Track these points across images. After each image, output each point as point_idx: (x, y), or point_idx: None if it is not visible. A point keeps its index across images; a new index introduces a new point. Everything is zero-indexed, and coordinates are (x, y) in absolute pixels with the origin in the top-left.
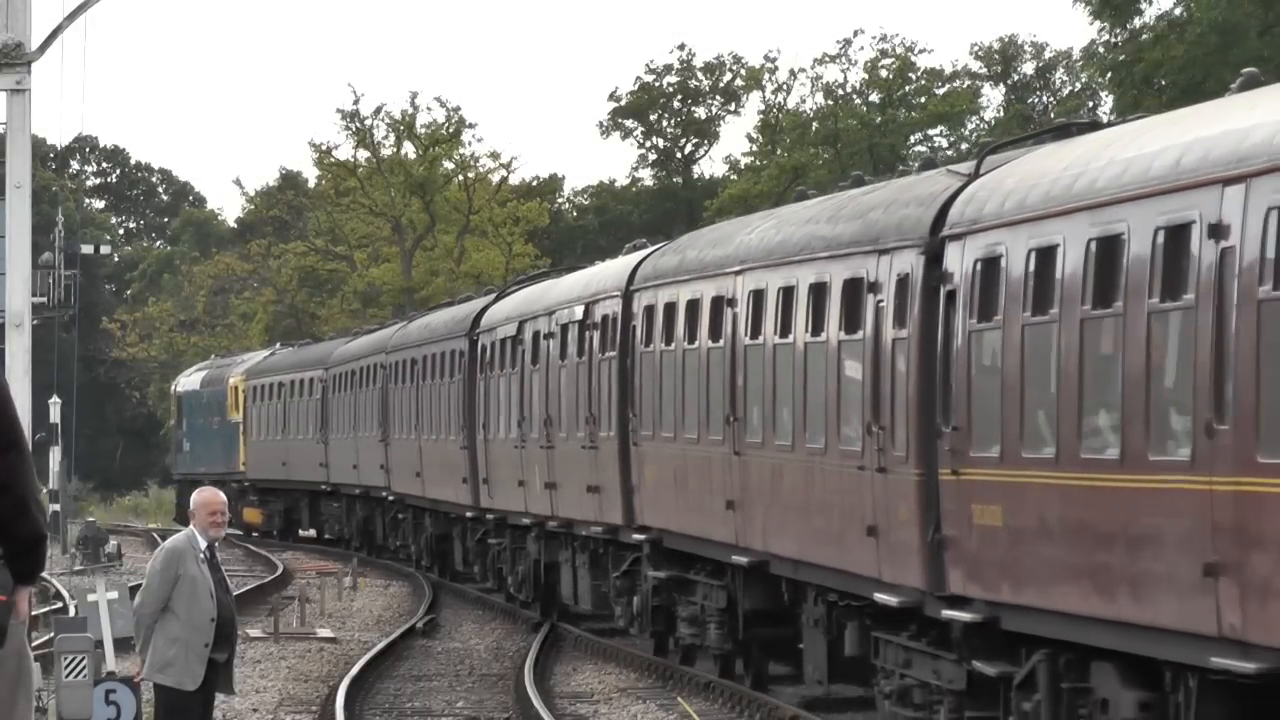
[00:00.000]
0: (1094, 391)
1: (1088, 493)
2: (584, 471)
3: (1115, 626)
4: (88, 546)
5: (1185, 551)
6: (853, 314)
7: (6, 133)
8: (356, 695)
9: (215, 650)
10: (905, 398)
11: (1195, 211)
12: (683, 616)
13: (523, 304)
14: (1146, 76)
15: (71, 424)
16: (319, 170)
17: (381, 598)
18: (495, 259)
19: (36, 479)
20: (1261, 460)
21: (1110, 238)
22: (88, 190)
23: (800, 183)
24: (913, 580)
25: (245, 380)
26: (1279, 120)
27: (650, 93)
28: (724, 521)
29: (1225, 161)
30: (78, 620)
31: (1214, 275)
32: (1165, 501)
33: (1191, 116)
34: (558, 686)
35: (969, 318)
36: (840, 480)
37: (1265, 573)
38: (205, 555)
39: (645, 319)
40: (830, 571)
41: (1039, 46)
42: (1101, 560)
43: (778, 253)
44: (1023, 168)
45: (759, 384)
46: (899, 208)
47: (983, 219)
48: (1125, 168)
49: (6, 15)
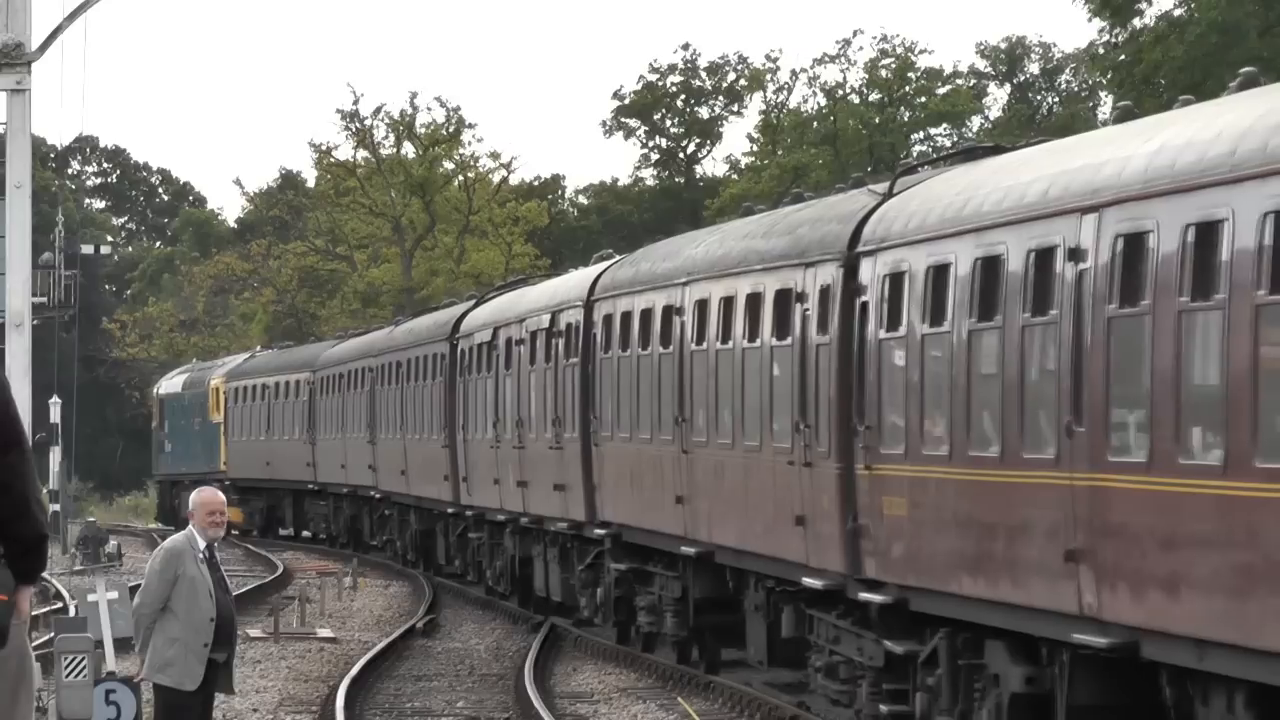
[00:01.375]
0: (979, 396)
1: (974, 486)
2: (551, 470)
3: (1001, 608)
4: (88, 546)
5: (1051, 539)
6: (783, 321)
7: (6, 133)
8: (356, 695)
9: (215, 650)
10: (827, 398)
11: (1059, 236)
12: (641, 606)
13: (498, 311)
14: (1146, 76)
15: (71, 424)
16: (319, 170)
17: (381, 598)
18: (495, 259)
19: (37, 479)
20: (1111, 459)
21: (992, 258)
22: (88, 190)
23: (801, 183)
24: (835, 565)
25: (226, 382)
26: (1125, 157)
27: (654, 92)
28: (674, 515)
29: (1082, 193)
30: (78, 620)
31: (1073, 294)
32: (1034, 494)
33: (1066, 149)
34: (558, 686)
35: (878, 327)
36: (773, 474)
37: (1115, 559)
38: (204, 555)
39: (604, 327)
40: (766, 559)
41: (1046, 47)
42: (987, 548)
43: (719, 265)
44: (926, 190)
45: (704, 387)
46: (823, 224)
47: (890, 237)
48: (1005, 195)
49: (6, 15)
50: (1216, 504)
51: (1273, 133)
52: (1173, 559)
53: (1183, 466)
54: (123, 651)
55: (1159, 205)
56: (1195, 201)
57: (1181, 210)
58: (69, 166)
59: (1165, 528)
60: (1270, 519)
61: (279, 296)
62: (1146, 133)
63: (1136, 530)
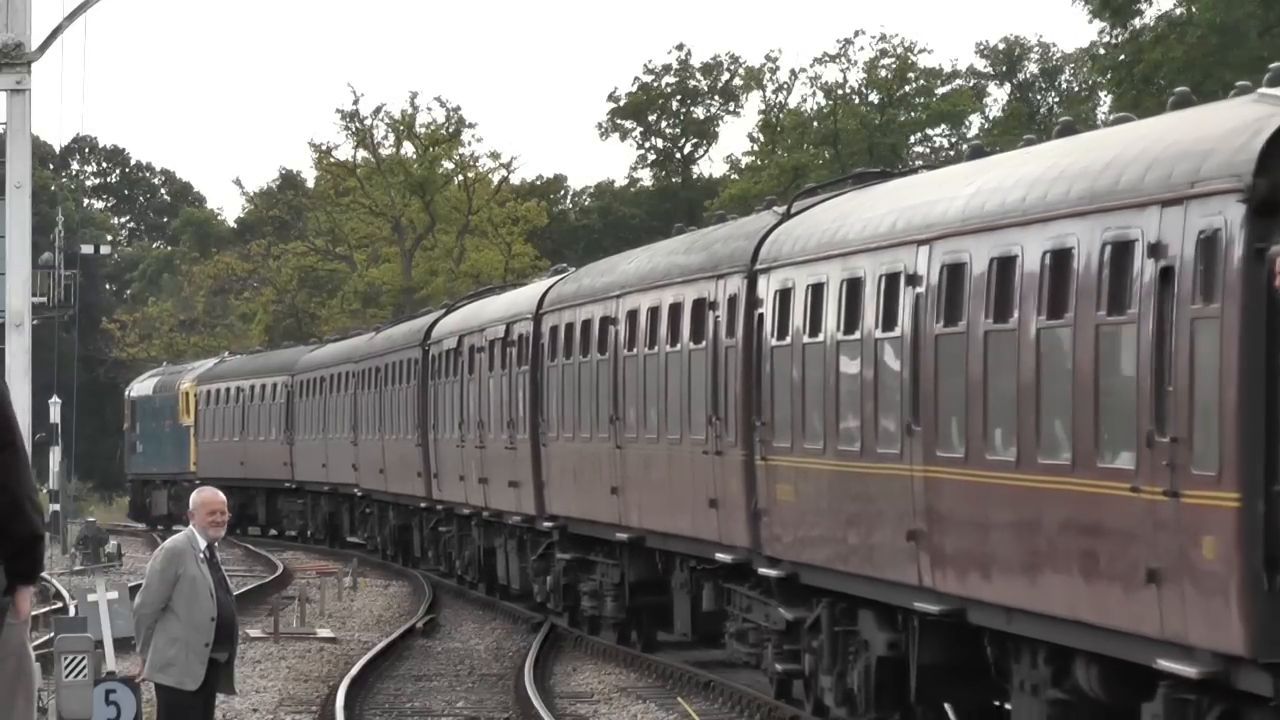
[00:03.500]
0: (845, 398)
1: (840, 476)
2: (507, 468)
3: (866, 581)
4: (88, 546)
5: (898, 522)
6: (699, 327)
7: (6, 133)
8: (356, 695)
9: (216, 650)
10: (734, 395)
11: (902, 264)
12: (585, 591)
13: (463, 320)
14: (1146, 77)
15: (71, 424)
16: (319, 170)
17: (381, 598)
18: (495, 259)
19: (33, 478)
20: (940, 454)
21: (855, 279)
22: (88, 190)
23: (800, 183)
24: (743, 542)
25: (196, 386)
26: (950, 198)
27: (649, 93)
28: (610, 505)
29: (919, 227)
30: (78, 620)
31: (911, 313)
32: (885, 484)
33: (914, 186)
34: (558, 686)
35: (771, 335)
36: (691, 463)
37: (943, 539)
38: (205, 555)
39: (551, 337)
40: (687, 540)
41: (1046, 47)
42: (852, 529)
43: (648, 279)
44: (812, 216)
45: (634, 388)
46: (733, 241)
47: (781, 257)
48: (865, 225)
49: (6, 15)
50: (1012, 493)
51: (1052, 184)
52: (984, 539)
53: (989, 461)
54: (123, 651)
55: (972, 241)
56: (997, 239)
57: (988, 246)
58: (69, 166)
59: (978, 513)
60: (1050, 506)
61: (279, 296)
62: (970, 176)
63: (958, 515)
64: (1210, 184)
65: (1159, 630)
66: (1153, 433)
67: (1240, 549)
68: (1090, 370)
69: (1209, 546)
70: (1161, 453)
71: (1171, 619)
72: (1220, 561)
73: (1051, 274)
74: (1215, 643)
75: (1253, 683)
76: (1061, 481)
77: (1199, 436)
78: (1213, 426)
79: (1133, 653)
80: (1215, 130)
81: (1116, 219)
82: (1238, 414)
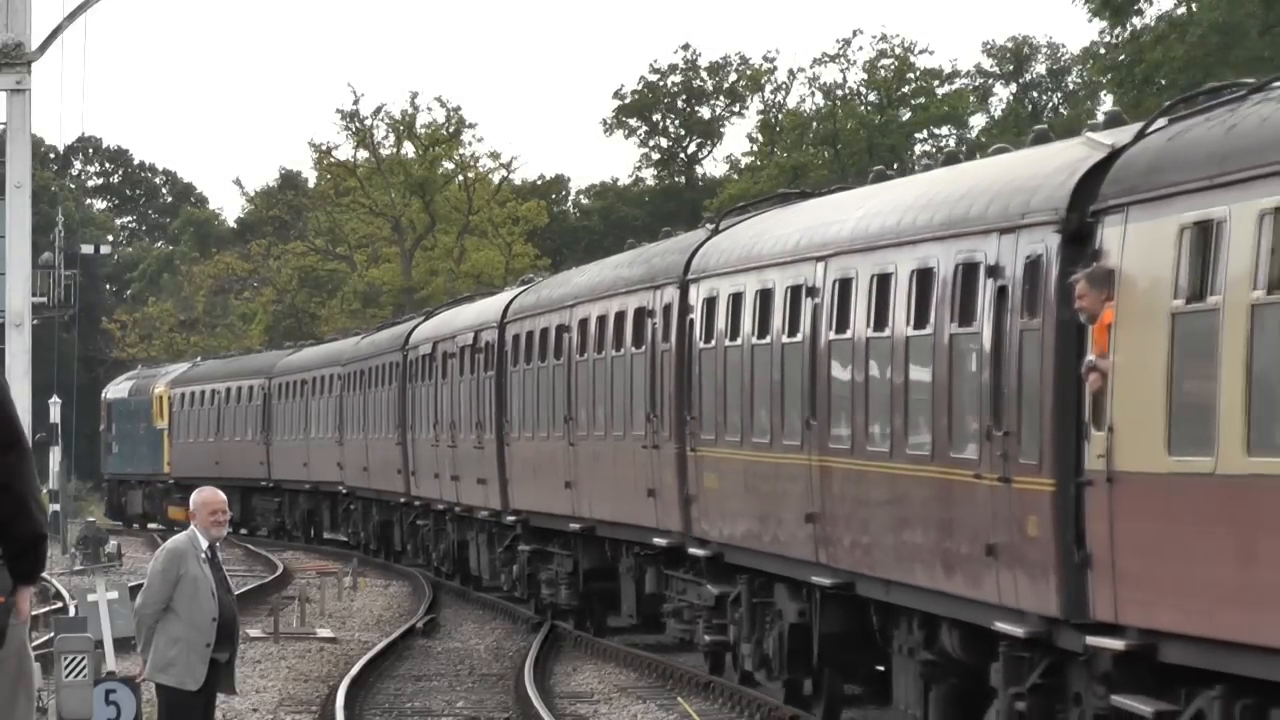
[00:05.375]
0: (758, 395)
1: (754, 465)
2: (476, 466)
3: (776, 559)
4: (88, 546)
5: (799, 505)
6: (640, 333)
7: (6, 133)
8: (356, 695)
9: (217, 650)
10: (669, 393)
11: (804, 277)
12: (544, 580)
13: (437, 327)
14: (1147, 77)
15: (71, 424)
16: (319, 170)
17: (381, 598)
18: (495, 259)
19: (36, 478)
20: (831, 445)
21: (767, 290)
22: (88, 190)
23: (800, 183)
24: (676, 527)
25: (170, 389)
26: (844, 220)
27: (654, 92)
28: (564, 498)
29: (818, 246)
30: (78, 620)
31: (810, 322)
32: (789, 471)
33: (822, 206)
34: (558, 686)
35: (699, 339)
36: (633, 457)
37: (834, 519)
38: (206, 555)
39: (514, 345)
40: (630, 527)
41: (1054, 47)
42: (764, 512)
43: (597, 290)
44: (737, 232)
45: (586, 390)
46: (670, 255)
47: (708, 269)
48: (776, 242)
49: (6, 15)
50: (886, 480)
51: (921, 211)
52: (865, 520)
53: (869, 452)
54: (123, 651)
55: (858, 259)
56: (877, 258)
57: (870, 263)
58: (70, 166)
59: (860, 497)
60: (915, 491)
61: (279, 296)
62: (862, 201)
63: (845, 499)
64: (1036, 216)
65: (998, 598)
66: (991, 427)
67: (1056, 527)
68: (945, 373)
69: (1033, 525)
70: (997, 445)
71: (1006, 588)
72: (1041, 538)
73: (918, 290)
74: (1039, 607)
75: (1068, 641)
76: (923, 470)
77: (1025, 431)
78: (1035, 423)
79: (980, 617)
80: (1045, 169)
81: (967, 243)
82: (1053, 413)
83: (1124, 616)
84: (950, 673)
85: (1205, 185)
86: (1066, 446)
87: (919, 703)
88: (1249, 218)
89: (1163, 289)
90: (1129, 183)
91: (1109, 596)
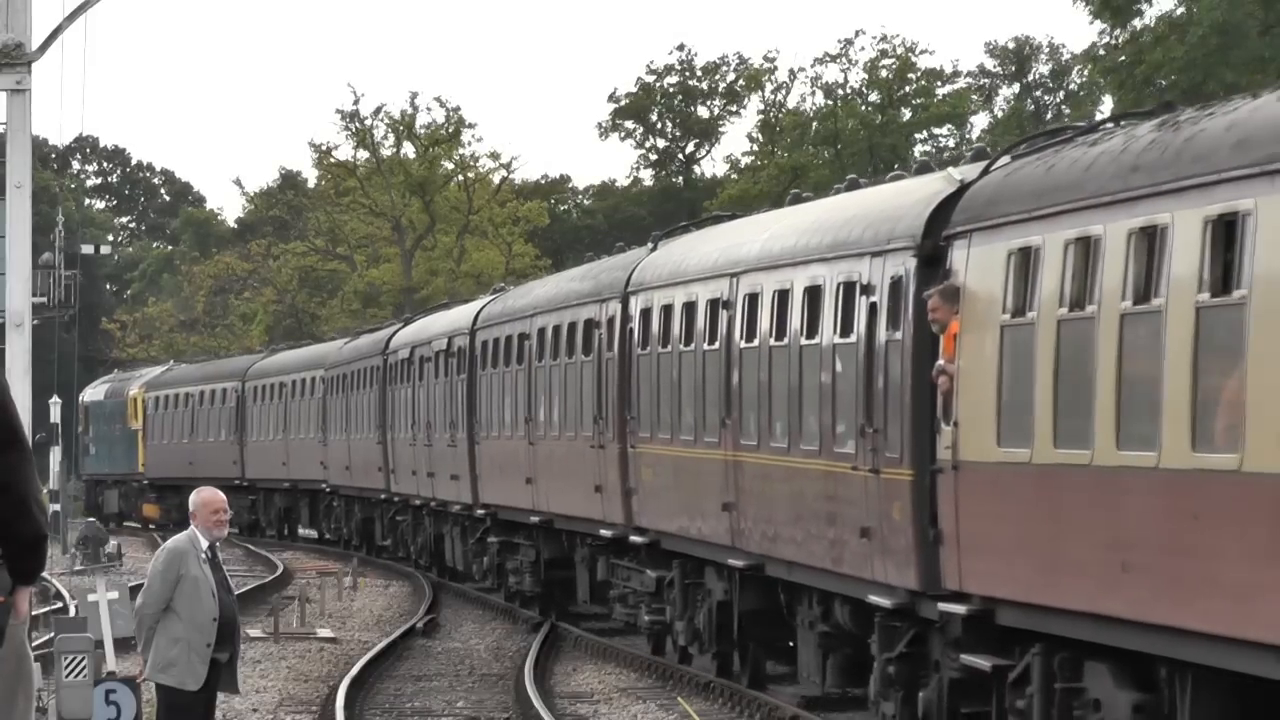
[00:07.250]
0: (685, 397)
1: (681, 459)
2: (449, 463)
3: (703, 544)
4: (88, 546)
5: (717, 495)
6: (589, 341)
7: (6, 133)
8: (356, 695)
9: (217, 650)
10: (612, 397)
11: (721, 292)
12: (510, 569)
13: (415, 333)
14: (1147, 77)
15: (72, 424)
16: (319, 170)
17: (381, 598)
18: (495, 259)
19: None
20: (743, 441)
21: (691, 303)
22: (88, 190)
23: (800, 183)
24: (619, 519)
25: (145, 392)
26: (754, 240)
27: (650, 93)
28: (527, 494)
29: (732, 263)
30: (78, 620)
31: (726, 331)
32: (709, 465)
33: (740, 227)
34: (558, 686)
35: (637, 347)
36: (583, 456)
37: (745, 508)
38: (207, 555)
39: (483, 350)
40: (582, 520)
41: (1056, 48)
42: (690, 503)
43: (554, 302)
44: (671, 249)
45: (544, 394)
46: (614, 271)
47: (645, 283)
48: (701, 260)
49: (6, 15)
50: (785, 472)
51: (813, 234)
52: (770, 508)
53: (772, 447)
54: (123, 651)
55: (763, 276)
56: (778, 275)
57: (773, 280)
58: (69, 166)
59: (766, 488)
60: (808, 482)
61: (279, 296)
62: (770, 223)
63: (754, 489)
64: (898, 241)
65: (872, 575)
66: (864, 425)
67: (915, 511)
68: (830, 378)
69: (897, 510)
70: (869, 440)
71: (879, 566)
72: (903, 521)
73: (809, 304)
74: (903, 581)
75: (927, 610)
76: (813, 463)
77: (890, 428)
78: (898, 421)
79: (860, 592)
80: (909, 199)
81: (846, 265)
82: (913, 411)
83: (968, 586)
84: (843, 643)
85: (1026, 217)
86: (923, 441)
87: (818, 670)
88: (1057, 246)
89: (995, 305)
90: (973, 212)
91: (955, 569)
